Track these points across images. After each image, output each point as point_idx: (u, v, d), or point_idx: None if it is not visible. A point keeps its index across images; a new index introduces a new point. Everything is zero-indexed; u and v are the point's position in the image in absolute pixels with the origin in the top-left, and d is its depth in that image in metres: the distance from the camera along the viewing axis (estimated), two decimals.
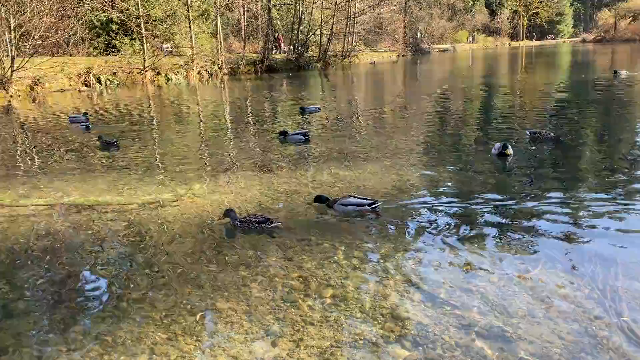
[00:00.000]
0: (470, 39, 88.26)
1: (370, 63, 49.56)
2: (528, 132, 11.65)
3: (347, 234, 6.44)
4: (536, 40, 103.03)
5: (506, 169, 9.24)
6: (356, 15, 48.51)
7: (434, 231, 6.40)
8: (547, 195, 7.56)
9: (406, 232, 6.42)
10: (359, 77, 35.04)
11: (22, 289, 5.37)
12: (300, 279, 5.30)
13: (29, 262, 6.00)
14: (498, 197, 7.63)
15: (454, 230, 6.41)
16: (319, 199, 7.33)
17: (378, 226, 6.67)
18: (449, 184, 8.38)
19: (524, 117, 15.16)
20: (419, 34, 69.51)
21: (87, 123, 15.38)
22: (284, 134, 12.64)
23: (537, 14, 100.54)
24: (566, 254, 5.65)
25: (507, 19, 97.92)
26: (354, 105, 20.47)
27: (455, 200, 7.57)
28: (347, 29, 47.39)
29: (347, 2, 46.34)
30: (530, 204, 7.20)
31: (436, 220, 6.78)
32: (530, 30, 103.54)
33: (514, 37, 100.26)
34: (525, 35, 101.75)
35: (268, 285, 5.18)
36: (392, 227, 6.60)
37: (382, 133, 13.29)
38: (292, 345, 4.20)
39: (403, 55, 60.35)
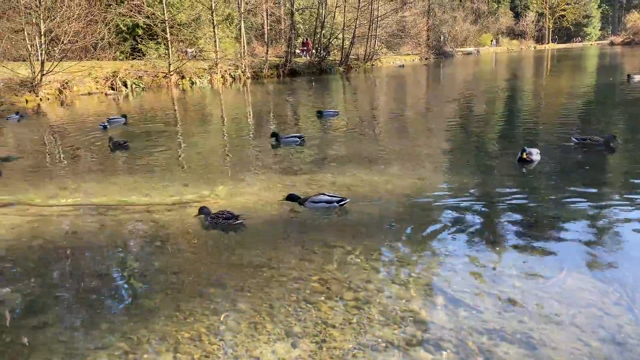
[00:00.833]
0: (494, 42, 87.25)
1: (400, 66, 49.41)
2: (576, 139, 10.77)
3: (368, 236, 6.43)
4: (562, 43, 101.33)
5: (531, 173, 9.10)
6: (379, 18, 48.43)
7: (457, 235, 6.34)
8: (576, 199, 7.43)
9: (429, 236, 6.38)
10: (381, 80, 34.95)
11: (50, 286, 5.49)
12: (322, 281, 5.31)
13: (56, 261, 6.13)
14: (523, 201, 7.52)
15: (478, 234, 6.35)
16: (291, 197, 7.55)
17: (399, 229, 6.63)
18: (473, 187, 8.29)
19: (551, 121, 14.92)
20: (442, 37, 69.03)
21: (106, 124, 15.90)
22: (275, 135, 12.45)
23: (563, 16, 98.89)
24: (594, 259, 5.54)
25: (533, 21, 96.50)
26: (375, 108, 20.43)
27: (479, 203, 7.49)
28: (370, 32, 47.32)
29: (370, 6, 46.30)
30: (556, 208, 7.08)
31: (460, 223, 6.72)
32: (556, 33, 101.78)
33: (539, 40, 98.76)
34: (551, 38, 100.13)
35: (289, 287, 5.20)
36: (414, 230, 6.56)
37: (403, 136, 13.23)
38: (314, 346, 4.20)
39: (426, 59, 60.00)
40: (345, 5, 44.66)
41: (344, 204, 7.35)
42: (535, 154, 9.58)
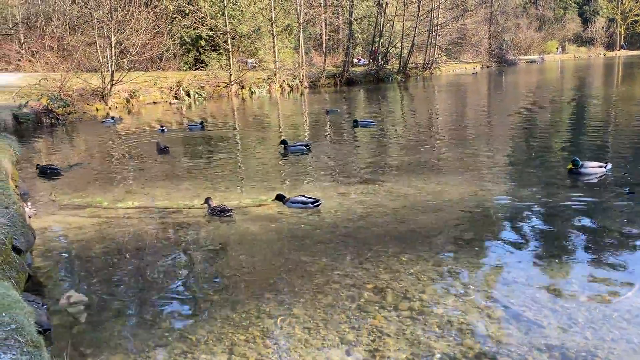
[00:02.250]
0: (560, 50, 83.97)
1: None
2: None
3: (425, 246, 6.32)
4: (634, 50, 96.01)
5: (598, 185, 8.66)
6: (439, 27, 47.84)
7: (518, 247, 6.14)
8: None
9: (488, 247, 6.20)
10: (440, 89, 34.43)
11: (114, 285, 5.75)
12: (376, 289, 5.27)
13: (120, 260, 6.42)
14: (590, 214, 7.18)
15: (541, 247, 6.11)
16: (278, 197, 8.15)
17: (458, 239, 6.49)
18: (536, 199, 7.99)
19: (623, 131, 14.18)
20: (504, 45, 67.18)
21: (164, 129, 17.38)
22: (284, 143, 12.90)
23: (636, 21, 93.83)
24: None
25: (602, 27, 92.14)
26: (434, 117, 20.13)
27: (542, 216, 7.21)
28: (429, 40, 46.81)
29: (430, 14, 45.84)
30: (626, 222, 6.71)
31: (521, 236, 6.50)
32: (628, 39, 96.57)
33: (609, 47, 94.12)
34: (620, 45, 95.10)
35: (344, 294, 5.19)
36: (473, 241, 6.40)
37: (463, 145, 12.95)
38: (367, 355, 4.17)
39: (487, 67, 58.59)
40: (404, 13, 44.42)
41: (318, 205, 7.92)
42: (595, 167, 9.10)
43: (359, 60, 47.88)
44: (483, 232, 6.70)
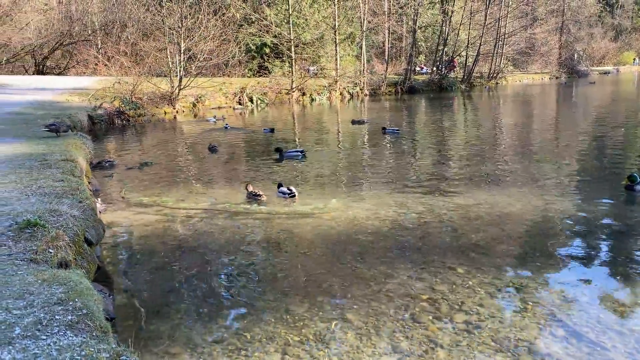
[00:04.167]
0: (638, 61, 79.54)
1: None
2: None
3: (484, 259, 6.17)
4: None
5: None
6: (506, 36, 46.57)
7: (583, 264, 5.88)
8: None
9: (551, 263, 5.97)
10: (505, 100, 33.47)
11: (175, 281, 5.99)
12: (431, 300, 5.20)
13: (181, 258, 6.67)
14: None
15: (607, 265, 5.83)
16: (279, 185, 9.44)
17: (519, 253, 6.29)
18: (604, 216, 7.62)
19: None
20: (576, 55, 64.40)
21: (226, 125, 19.71)
22: (279, 150, 13.51)
23: None
24: None
25: None
26: (498, 127, 19.59)
27: (610, 233, 6.87)
28: (496, 49, 45.64)
29: (497, 23, 44.71)
30: None
31: (587, 253, 6.22)
32: None
33: None
34: None
35: (398, 303, 5.16)
36: (534, 256, 6.19)
37: (528, 158, 12.53)
38: None
39: (556, 77, 56.37)
40: (470, 22, 43.58)
41: (293, 195, 9.08)
42: None
43: (422, 68, 47.33)
44: (545, 248, 6.46)
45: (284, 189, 9.32)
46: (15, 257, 4.41)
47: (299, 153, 13.40)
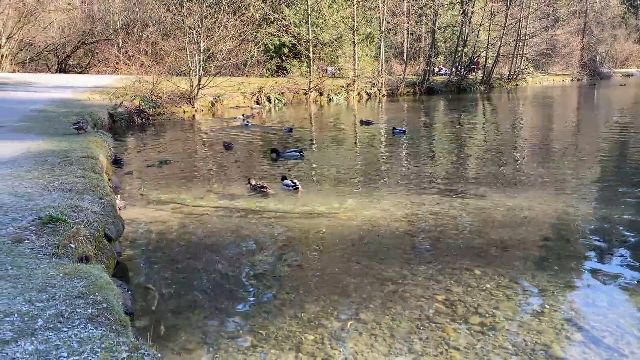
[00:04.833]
0: None
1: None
2: None
3: (502, 262, 6.13)
4: None
5: None
6: (526, 37, 46.04)
7: (602, 270, 5.80)
8: None
9: (569, 267, 5.91)
10: (525, 101, 33.10)
11: (192, 277, 6.06)
12: (447, 302, 5.18)
13: (199, 256, 6.74)
14: None
15: (627, 270, 5.74)
16: (283, 178, 9.91)
17: (537, 257, 6.24)
18: (625, 221, 7.51)
19: None
20: (598, 57, 63.39)
21: (247, 123, 20.41)
22: (275, 151, 13.38)
23: None
24: None
25: None
26: (517, 129, 19.39)
27: (631, 238, 6.76)
28: (516, 51, 45.16)
29: (518, 24, 44.23)
30: None
31: (606, 258, 6.14)
32: None
33: None
34: None
35: (413, 304, 5.16)
36: (553, 260, 6.13)
37: (547, 161, 12.39)
38: None
39: (578, 80, 55.56)
40: (490, 23, 43.17)
41: (296, 187, 9.54)
42: None
43: (441, 69, 47.03)
44: (565, 251, 6.39)
45: (288, 181, 9.67)
46: (38, 250, 4.52)
47: (297, 153, 13.30)
